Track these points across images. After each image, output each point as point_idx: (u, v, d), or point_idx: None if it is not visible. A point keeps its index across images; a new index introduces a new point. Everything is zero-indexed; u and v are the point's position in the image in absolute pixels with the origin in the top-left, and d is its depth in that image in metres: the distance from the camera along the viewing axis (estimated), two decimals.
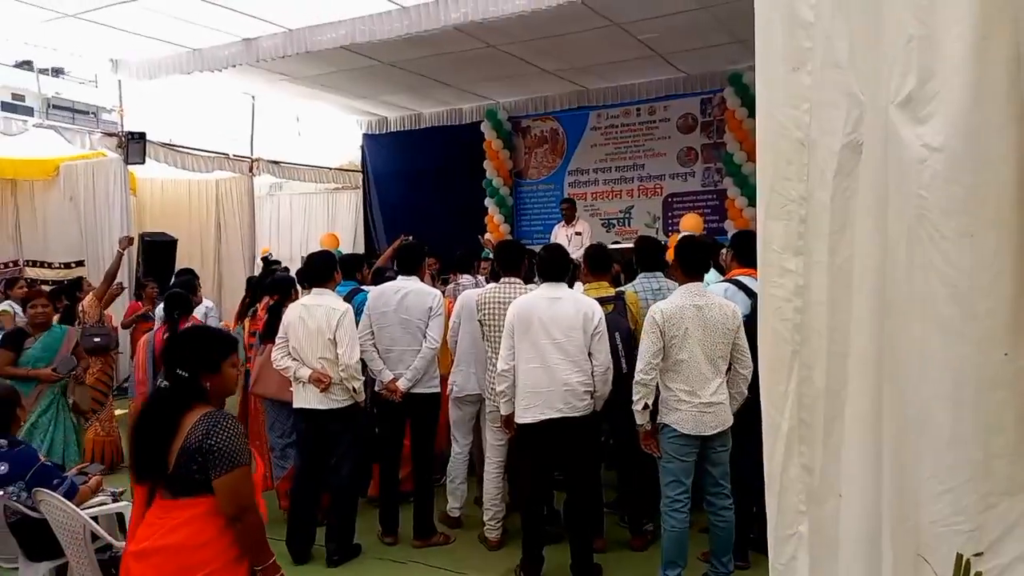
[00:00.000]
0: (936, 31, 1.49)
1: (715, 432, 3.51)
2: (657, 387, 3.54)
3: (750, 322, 3.57)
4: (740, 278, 3.96)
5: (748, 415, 3.55)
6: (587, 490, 3.92)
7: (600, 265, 4.42)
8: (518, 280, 4.25)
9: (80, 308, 5.91)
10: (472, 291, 4.70)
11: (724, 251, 4.69)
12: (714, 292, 3.92)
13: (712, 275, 4.69)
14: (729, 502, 3.61)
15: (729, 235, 8.65)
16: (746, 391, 3.56)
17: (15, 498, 3.07)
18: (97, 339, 5.76)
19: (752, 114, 8.50)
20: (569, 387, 3.67)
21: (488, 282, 5.08)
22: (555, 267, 3.88)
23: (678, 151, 9.75)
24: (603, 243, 5.78)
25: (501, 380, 3.81)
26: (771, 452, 1.83)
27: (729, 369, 3.58)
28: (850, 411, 1.73)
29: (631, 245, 6.21)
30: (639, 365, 3.51)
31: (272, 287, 5.01)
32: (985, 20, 1.43)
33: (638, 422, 3.57)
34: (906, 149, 1.56)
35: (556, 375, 3.67)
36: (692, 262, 3.63)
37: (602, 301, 4.05)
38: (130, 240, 6.45)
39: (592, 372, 3.72)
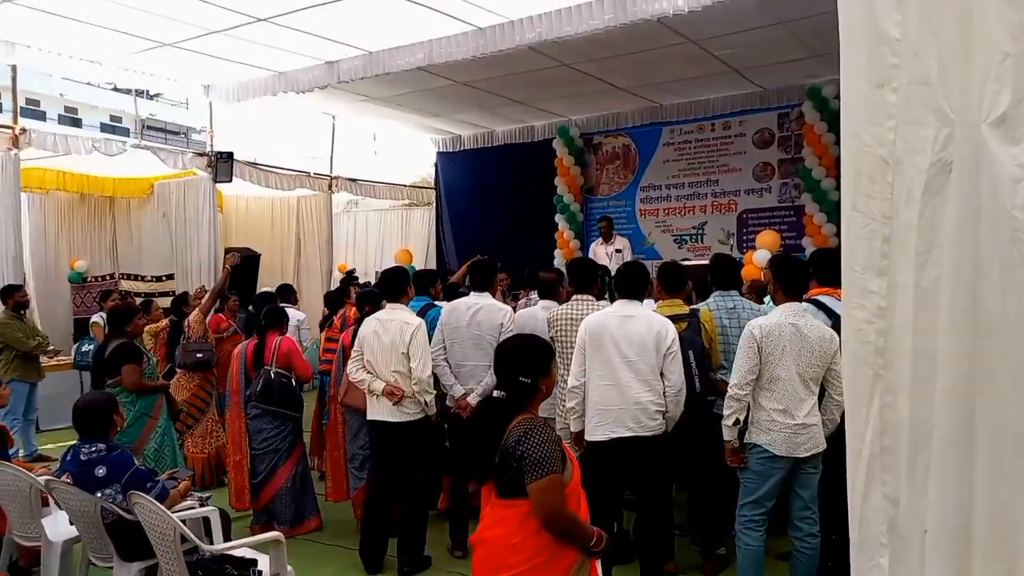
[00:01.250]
0: None
1: (808, 454, 3.41)
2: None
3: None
4: (820, 298, 3.84)
5: (829, 440, 3.46)
6: (658, 511, 3.86)
7: (674, 283, 4.37)
8: (590, 297, 4.26)
9: (186, 323, 5.95)
10: (524, 311, 4.73)
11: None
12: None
13: None
14: (817, 528, 3.49)
15: (807, 252, 8.45)
16: (838, 418, 3.44)
17: (111, 500, 3.24)
18: (200, 355, 5.80)
19: (831, 129, 8.29)
20: (640, 406, 3.62)
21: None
22: (633, 284, 3.85)
23: (754, 166, 9.57)
24: (676, 260, 5.71)
25: (571, 396, 3.80)
26: (853, 479, 1.77)
27: (822, 394, 3.48)
28: (938, 440, 1.67)
29: (703, 262, 6.12)
30: (733, 380, 3.44)
31: (365, 298, 5.13)
32: None
33: (726, 437, 3.50)
34: (1000, 169, 1.51)
35: (627, 393, 3.62)
36: (791, 281, 3.55)
37: (676, 319, 3.99)
38: (237, 257, 6.47)
39: (664, 392, 3.66)
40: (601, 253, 8.91)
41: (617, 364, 3.66)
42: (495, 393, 2.42)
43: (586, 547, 2.31)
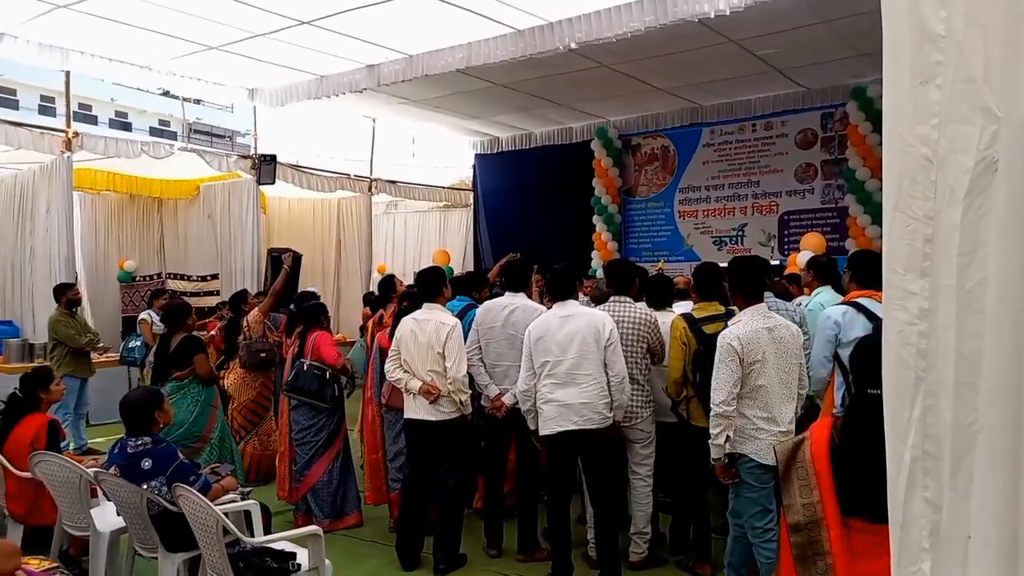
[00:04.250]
0: None
1: None
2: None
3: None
4: (860, 300, 3.77)
5: None
6: (611, 500, 4.01)
7: (709, 285, 4.31)
8: (628, 299, 4.25)
9: (245, 322, 6.01)
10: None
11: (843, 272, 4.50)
12: (834, 314, 3.76)
13: (829, 296, 4.51)
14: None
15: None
16: (799, 410, 3.54)
17: (156, 491, 3.33)
18: (263, 354, 5.85)
19: (876, 129, 8.12)
20: (585, 401, 3.80)
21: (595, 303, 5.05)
22: (562, 286, 4.06)
23: (796, 167, 9.43)
24: (714, 262, 5.63)
25: (524, 399, 4.00)
26: (894, 483, 1.74)
27: None
28: (983, 446, 1.63)
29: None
30: (719, 396, 3.34)
31: (403, 296, 5.18)
32: None
33: (715, 455, 3.40)
34: None
35: (571, 390, 3.80)
36: (749, 284, 3.49)
37: (712, 319, 4.01)
38: (294, 257, 6.54)
39: (608, 383, 3.82)
40: None
41: (561, 363, 3.83)
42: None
43: None
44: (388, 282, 5.93)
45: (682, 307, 4.46)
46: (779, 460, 2.44)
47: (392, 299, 5.68)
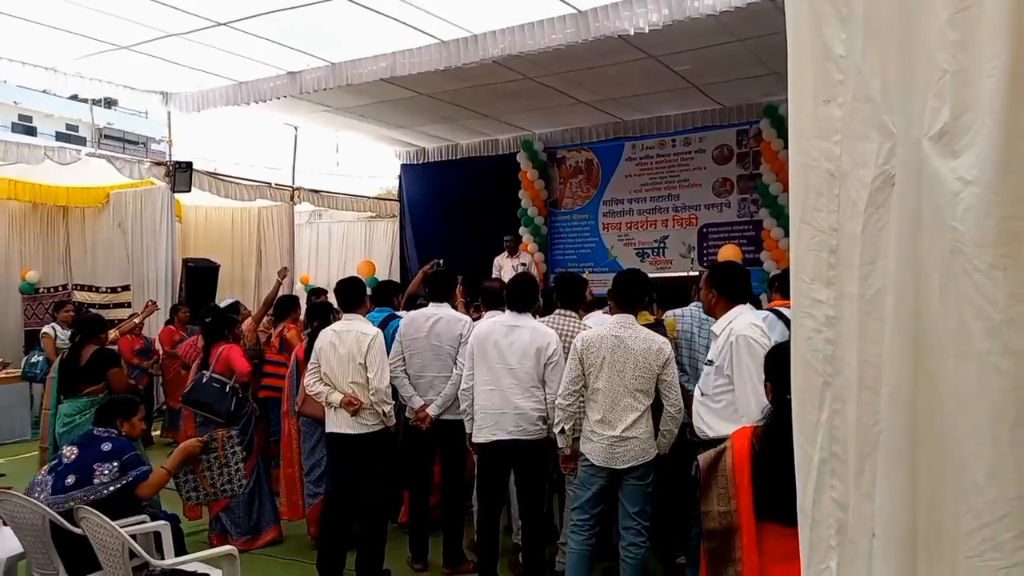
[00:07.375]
0: (970, 67, 1.49)
1: (627, 466, 3.48)
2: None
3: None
4: (779, 308, 3.97)
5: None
6: (538, 514, 4.00)
7: (626, 296, 4.34)
8: (573, 313, 4.25)
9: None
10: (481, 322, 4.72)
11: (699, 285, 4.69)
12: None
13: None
14: (642, 539, 3.58)
15: (765, 265, 8.64)
16: (675, 429, 3.54)
17: (105, 474, 3.34)
18: (255, 360, 5.60)
19: (787, 146, 8.44)
20: (520, 411, 3.80)
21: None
22: (522, 297, 4.02)
23: (713, 182, 9.73)
24: (637, 269, 5.71)
25: (464, 398, 3.99)
26: (803, 484, 1.81)
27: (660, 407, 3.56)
28: (883, 448, 1.71)
29: (666, 275, 6.18)
30: (559, 390, 3.60)
31: (311, 313, 5.10)
32: (1018, 59, 1.43)
33: (559, 444, 3.64)
34: (940, 182, 1.56)
35: (508, 398, 3.80)
36: (625, 296, 3.70)
37: None
38: (286, 270, 6.47)
39: (544, 399, 3.83)
40: (507, 266, 9.16)
41: (499, 370, 3.84)
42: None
43: None
44: (290, 301, 5.87)
45: (593, 317, 4.52)
46: (700, 469, 2.50)
47: (285, 317, 5.58)
